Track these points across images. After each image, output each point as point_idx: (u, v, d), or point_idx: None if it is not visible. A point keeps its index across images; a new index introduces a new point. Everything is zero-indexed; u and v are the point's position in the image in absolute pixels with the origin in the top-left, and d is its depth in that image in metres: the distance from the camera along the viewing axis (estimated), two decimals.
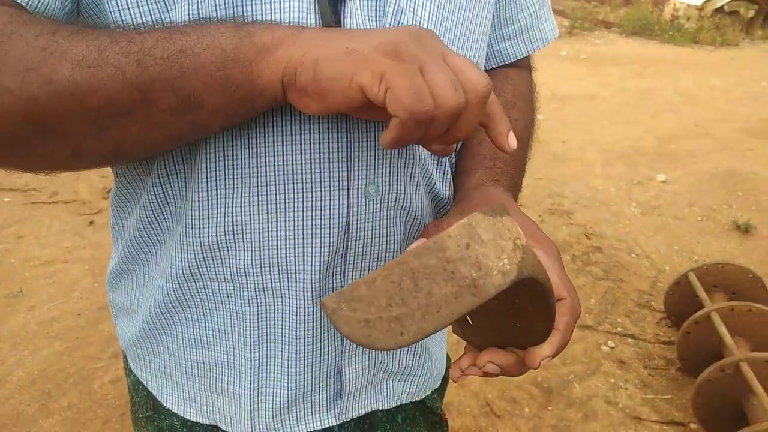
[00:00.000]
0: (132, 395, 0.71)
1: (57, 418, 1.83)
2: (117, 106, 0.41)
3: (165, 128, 0.44)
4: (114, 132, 0.43)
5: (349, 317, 0.34)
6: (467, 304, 0.35)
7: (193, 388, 0.62)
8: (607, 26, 8.44)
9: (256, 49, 0.41)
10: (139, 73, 0.40)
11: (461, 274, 0.36)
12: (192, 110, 0.43)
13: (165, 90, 0.41)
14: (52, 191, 3.25)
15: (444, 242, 0.36)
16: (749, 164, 3.93)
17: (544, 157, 3.96)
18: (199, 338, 0.59)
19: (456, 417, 1.89)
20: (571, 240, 2.98)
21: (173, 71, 0.41)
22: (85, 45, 0.40)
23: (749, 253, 2.90)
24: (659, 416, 1.93)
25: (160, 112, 0.42)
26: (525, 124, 0.68)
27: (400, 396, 0.68)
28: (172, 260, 0.56)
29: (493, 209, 0.38)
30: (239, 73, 0.42)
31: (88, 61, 0.39)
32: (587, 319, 2.40)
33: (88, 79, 0.40)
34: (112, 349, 2.12)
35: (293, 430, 0.62)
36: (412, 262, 0.35)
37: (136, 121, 0.42)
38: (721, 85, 5.91)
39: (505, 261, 0.36)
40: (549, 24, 0.71)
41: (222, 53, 0.41)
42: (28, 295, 2.41)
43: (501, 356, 0.48)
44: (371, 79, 0.39)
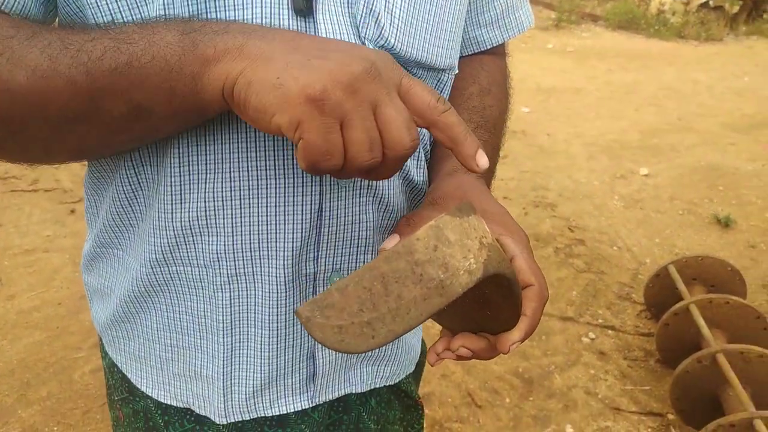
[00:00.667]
0: (107, 378, 0.71)
1: (36, 408, 1.81)
2: (71, 113, 0.42)
3: (121, 133, 0.45)
4: (73, 136, 0.44)
5: (322, 324, 0.36)
6: (435, 304, 0.37)
7: (166, 371, 0.62)
8: (593, 19, 8.47)
9: (198, 62, 0.41)
10: (89, 84, 0.41)
11: (429, 276, 0.37)
12: (143, 118, 0.43)
13: (115, 100, 0.42)
14: (33, 179, 3.20)
15: (413, 245, 0.38)
16: (731, 159, 3.98)
17: (529, 149, 3.98)
18: (173, 322, 0.59)
19: (437, 407, 1.90)
20: (554, 232, 3.00)
21: (122, 83, 0.41)
22: (38, 52, 0.41)
23: (729, 247, 2.95)
24: (638, 407, 1.96)
25: (114, 120, 0.43)
26: (499, 110, 0.69)
27: (374, 380, 0.68)
28: (145, 244, 0.56)
29: (460, 209, 0.40)
30: (183, 85, 0.41)
31: (40, 71, 0.40)
32: (568, 311, 2.42)
33: (42, 88, 0.41)
34: (93, 339, 2.10)
35: (266, 412, 0.62)
36: (383, 267, 0.37)
37: (93, 127, 0.44)
38: (704, 79, 5.97)
39: (471, 260, 0.38)
40: (525, 11, 0.71)
41: (167, 65, 0.41)
42: (8, 284, 2.38)
43: (473, 341, 0.50)
44: (288, 125, 0.39)
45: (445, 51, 0.58)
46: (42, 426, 1.75)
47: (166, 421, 0.64)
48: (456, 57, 0.61)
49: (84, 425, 1.77)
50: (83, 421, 1.78)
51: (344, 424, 0.68)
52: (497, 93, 0.69)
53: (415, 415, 0.79)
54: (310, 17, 0.48)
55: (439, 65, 0.58)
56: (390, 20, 0.52)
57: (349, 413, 0.68)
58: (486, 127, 0.65)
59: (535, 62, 6.18)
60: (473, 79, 0.68)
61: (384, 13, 0.51)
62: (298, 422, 0.64)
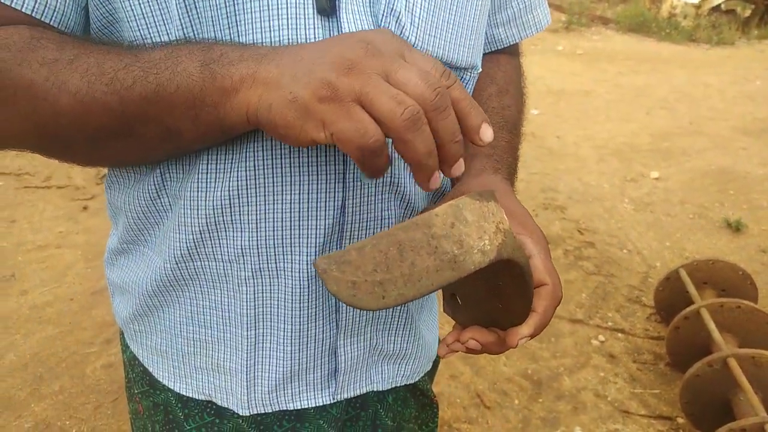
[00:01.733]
0: (127, 371, 0.72)
1: (49, 402, 1.83)
2: (108, 133, 0.47)
3: (155, 149, 0.50)
4: (111, 151, 0.50)
5: (337, 278, 0.37)
6: (446, 277, 0.38)
7: (189, 365, 0.63)
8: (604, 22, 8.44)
9: (219, 93, 0.44)
10: (123, 109, 0.45)
11: (444, 249, 0.39)
12: (174, 139, 0.47)
13: (147, 123, 0.46)
14: (46, 176, 3.23)
15: (431, 219, 0.39)
16: (742, 163, 3.96)
17: (538, 151, 3.97)
18: (196, 316, 0.60)
19: (446, 407, 1.91)
20: (563, 235, 3.00)
21: (151, 109, 0.45)
22: (79, 77, 0.45)
23: (739, 251, 2.93)
24: (647, 410, 1.95)
25: (148, 139, 0.47)
26: (517, 110, 0.69)
27: (395, 378, 0.69)
28: (170, 240, 0.56)
29: (480, 194, 0.41)
30: (206, 113, 0.45)
31: (80, 95, 0.45)
32: (578, 313, 2.42)
33: (84, 111, 0.45)
34: (105, 334, 2.12)
35: (288, 405, 0.63)
36: (400, 235, 0.38)
37: (129, 144, 0.48)
38: (716, 83, 5.93)
39: (486, 242, 0.40)
40: (542, 10, 0.72)
41: (190, 95, 0.44)
42: (21, 279, 2.40)
43: (483, 334, 0.51)
44: (316, 130, 0.40)
45: (467, 50, 0.59)
46: (54, 420, 1.77)
47: (186, 414, 0.65)
48: (478, 56, 0.62)
49: (95, 420, 1.78)
50: (95, 415, 1.80)
51: (361, 420, 0.69)
52: (514, 93, 0.70)
53: (430, 413, 0.79)
54: (333, 17, 0.49)
55: (460, 64, 0.59)
56: (411, 19, 0.52)
57: (366, 409, 0.69)
58: (507, 128, 0.66)
59: (545, 64, 6.17)
60: (491, 79, 0.69)
61: (405, 12, 0.52)
62: (316, 417, 0.65)
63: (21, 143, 0.51)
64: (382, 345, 0.65)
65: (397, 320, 0.65)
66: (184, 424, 0.65)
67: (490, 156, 0.62)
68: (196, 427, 0.64)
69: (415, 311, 0.68)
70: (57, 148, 0.50)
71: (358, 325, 0.62)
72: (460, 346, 0.52)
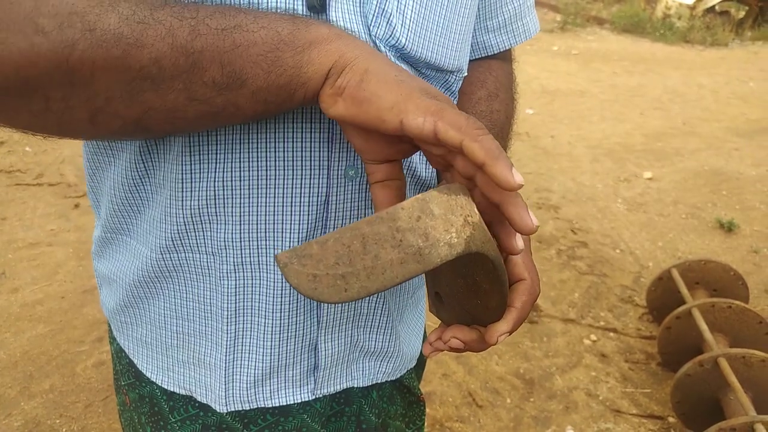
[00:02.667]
0: (115, 363, 0.72)
1: (39, 400, 1.82)
2: (159, 69, 0.39)
3: (201, 103, 0.42)
4: (147, 98, 0.40)
5: (298, 271, 0.37)
6: (411, 270, 0.38)
7: (171, 358, 0.63)
8: (599, 23, 8.46)
9: (311, 38, 0.42)
10: (190, 39, 0.39)
11: (408, 242, 0.38)
12: (233, 88, 0.41)
13: (213, 61, 0.40)
14: (38, 173, 3.21)
15: (396, 213, 0.39)
16: (735, 164, 3.98)
17: (532, 151, 3.98)
18: (179, 309, 0.60)
19: (438, 406, 1.91)
20: (557, 234, 3.01)
21: (226, 44, 0.40)
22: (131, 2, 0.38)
23: (732, 251, 2.95)
24: (638, 409, 1.96)
25: (202, 85, 0.41)
26: (506, 115, 0.70)
27: (375, 375, 0.69)
28: (155, 230, 0.56)
29: (449, 188, 0.41)
30: (290, 57, 0.42)
31: (138, 17, 0.38)
32: (570, 313, 2.42)
33: (136, 35, 0.37)
34: (96, 333, 2.11)
35: (266, 403, 0.63)
36: (364, 228, 0.38)
37: (175, 90, 0.40)
38: (709, 84, 5.96)
39: (453, 234, 0.39)
40: (531, 18, 0.73)
41: (277, 35, 0.42)
42: (12, 277, 2.39)
43: (465, 332, 0.51)
44: (415, 113, 0.40)
45: (454, 53, 0.59)
46: (44, 418, 1.76)
47: (171, 407, 0.65)
48: (465, 60, 0.62)
49: (86, 418, 1.77)
50: (85, 414, 1.79)
51: (345, 416, 0.69)
52: (504, 98, 0.71)
53: (417, 411, 0.79)
54: (322, 13, 0.49)
55: (447, 67, 0.59)
56: (401, 21, 0.52)
57: (350, 405, 0.69)
58: (493, 131, 0.66)
59: (540, 64, 6.18)
60: (481, 84, 0.70)
61: (396, 13, 0.52)
62: (300, 411, 0.65)
63: None
64: (363, 342, 0.65)
65: (378, 318, 0.65)
66: (168, 416, 0.65)
67: None
68: (180, 420, 0.64)
69: (396, 310, 0.68)
70: (67, 88, 0.39)
71: (338, 321, 0.62)
72: (443, 345, 0.53)
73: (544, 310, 2.43)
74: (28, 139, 3.56)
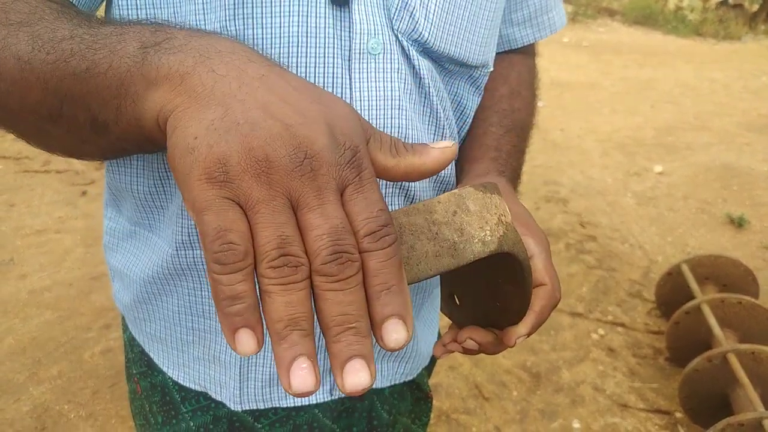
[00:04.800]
0: (127, 351, 0.71)
1: (47, 386, 1.83)
2: (45, 110, 0.40)
3: (89, 144, 0.41)
4: (53, 135, 0.42)
5: None
6: (445, 264, 0.38)
7: (186, 353, 0.62)
8: (610, 14, 8.38)
9: (142, 82, 0.35)
10: (56, 84, 0.38)
11: (444, 236, 0.38)
12: (102, 132, 0.39)
13: (76, 105, 0.38)
14: (45, 160, 3.22)
15: (433, 206, 0.38)
16: (746, 159, 3.94)
17: (542, 144, 3.95)
18: (194, 306, 0.59)
19: (445, 398, 1.90)
20: (565, 228, 2.99)
21: (81, 88, 0.38)
22: (27, 40, 0.39)
23: (742, 247, 2.92)
24: (645, 404, 1.95)
25: (80, 127, 0.40)
26: (527, 113, 0.69)
27: (394, 376, 0.68)
28: (174, 226, 0.55)
29: (484, 186, 0.40)
30: (126, 106, 0.37)
31: (23, 61, 0.39)
32: (578, 307, 2.41)
33: (21, 78, 0.39)
34: (103, 320, 2.12)
35: (281, 402, 0.62)
36: (401, 219, 0.38)
37: (67, 131, 0.40)
38: (721, 78, 5.90)
39: (487, 232, 0.39)
40: (558, 12, 0.71)
41: (117, 79, 0.36)
42: (20, 263, 2.40)
43: (480, 334, 0.51)
44: (186, 202, 0.31)
45: (480, 48, 0.58)
46: (53, 404, 1.77)
47: (183, 397, 0.64)
48: (491, 55, 0.61)
49: (94, 404, 1.78)
50: (93, 400, 1.80)
51: (357, 412, 0.68)
52: (526, 95, 0.70)
53: (424, 407, 0.78)
54: (345, 7, 0.48)
55: (472, 62, 0.58)
56: (425, 15, 0.52)
57: (362, 401, 0.68)
58: (515, 131, 0.65)
59: (550, 56, 6.13)
60: (503, 80, 0.69)
61: (419, 7, 0.51)
62: (311, 406, 0.64)
63: None
64: None
65: None
66: (180, 406, 0.64)
67: (495, 159, 0.61)
68: (191, 410, 0.64)
69: (414, 308, 0.67)
70: (11, 122, 0.43)
71: None
72: (457, 347, 0.52)
73: None
74: None
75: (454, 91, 0.60)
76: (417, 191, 0.58)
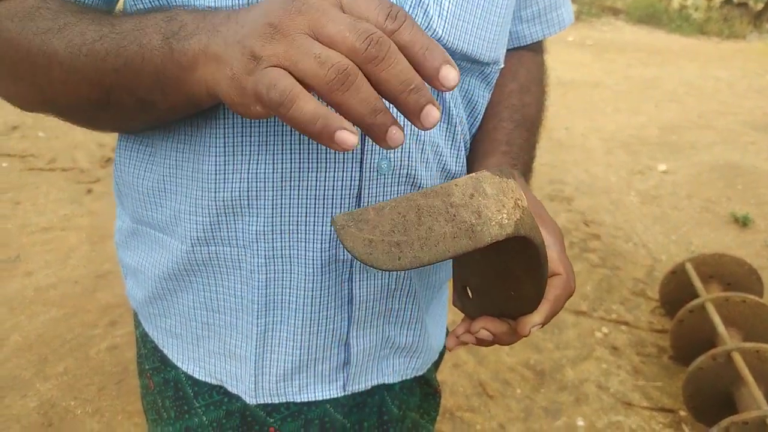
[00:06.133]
0: (139, 346, 0.72)
1: (53, 382, 1.84)
2: (94, 102, 0.48)
3: (139, 120, 0.51)
4: (104, 120, 0.51)
5: (354, 234, 0.37)
6: (463, 245, 0.38)
7: (202, 348, 0.63)
8: (614, 13, 8.36)
9: (178, 68, 0.42)
10: (99, 80, 0.45)
11: (462, 218, 0.38)
12: (150, 110, 0.47)
13: (123, 94, 0.46)
14: (50, 158, 3.23)
15: (451, 189, 0.39)
16: (750, 158, 3.93)
17: (546, 142, 3.95)
18: (209, 302, 0.60)
19: (449, 396, 1.91)
20: (569, 227, 2.99)
21: (123, 81, 0.45)
22: (64, 47, 0.45)
23: (746, 246, 2.92)
24: (649, 402, 1.95)
25: (128, 109, 0.48)
26: (537, 109, 0.70)
27: (405, 371, 0.69)
28: (186, 223, 0.56)
29: (501, 170, 0.41)
30: (171, 87, 0.44)
31: (66, 66, 0.45)
32: (582, 305, 2.41)
33: (69, 80, 0.46)
34: (109, 317, 2.13)
35: (295, 397, 0.63)
36: (419, 200, 0.38)
37: (116, 114, 0.49)
38: (726, 77, 5.88)
39: (504, 215, 0.39)
40: (566, 9, 0.72)
41: (155, 68, 0.43)
42: (25, 260, 2.41)
43: (494, 324, 0.51)
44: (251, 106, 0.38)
45: (491, 45, 0.58)
46: (59, 400, 1.78)
47: (196, 392, 0.65)
48: (501, 51, 0.62)
49: (100, 401, 1.79)
50: (99, 396, 1.81)
51: (368, 407, 0.68)
52: (536, 91, 0.70)
53: (433, 402, 0.79)
54: None
55: (484, 59, 0.58)
56: (438, 12, 0.52)
57: (372, 396, 0.68)
58: (525, 126, 0.66)
59: (554, 55, 6.09)
60: (513, 76, 0.69)
61: (433, 4, 0.52)
62: (323, 402, 0.65)
63: (36, 109, 0.52)
64: (394, 338, 0.65)
65: (409, 313, 0.64)
66: (193, 401, 0.65)
67: (506, 153, 0.62)
68: (205, 405, 0.64)
69: (424, 303, 0.67)
70: (65, 113, 0.52)
71: (370, 316, 0.61)
72: (471, 338, 0.52)
73: None
74: (41, 125, 3.59)
75: (465, 88, 0.61)
76: (427, 185, 0.58)
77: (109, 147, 3.40)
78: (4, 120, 3.61)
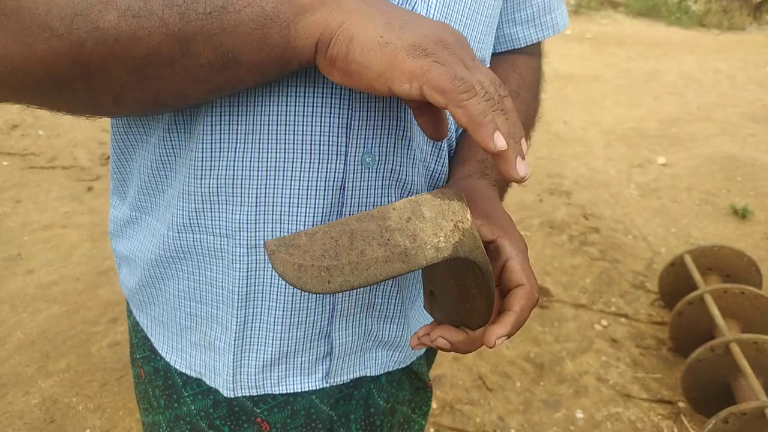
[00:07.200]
0: (131, 336, 0.72)
1: (55, 379, 1.85)
2: (159, 57, 0.41)
3: (203, 82, 0.44)
4: (154, 82, 0.43)
5: (284, 259, 0.38)
6: (396, 269, 0.39)
7: (185, 339, 0.64)
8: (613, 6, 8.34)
9: (294, 10, 0.41)
10: (181, 26, 0.40)
11: (396, 242, 0.39)
12: (229, 67, 0.43)
13: (205, 45, 0.41)
14: (51, 156, 3.24)
15: (387, 212, 0.40)
16: (750, 150, 3.93)
17: (545, 136, 3.95)
18: (192, 291, 0.61)
19: (449, 389, 1.92)
20: (569, 220, 2.99)
21: (214, 27, 0.41)
22: None
23: (745, 238, 2.92)
24: (649, 394, 1.96)
25: (200, 67, 0.43)
26: (526, 115, 0.69)
27: (387, 364, 0.69)
28: (173, 209, 0.56)
29: (443, 192, 0.42)
30: (276, 33, 0.42)
31: (133, 10, 0.40)
32: (582, 298, 2.42)
33: (133, 29, 0.40)
34: (110, 314, 2.14)
35: (273, 389, 0.63)
36: (353, 224, 0.39)
37: (176, 74, 0.43)
38: (725, 69, 5.87)
39: (441, 239, 0.40)
40: (560, 13, 0.72)
41: (261, 12, 0.41)
42: (27, 258, 2.42)
43: (452, 333, 0.51)
44: (401, 80, 0.40)
45: (478, 44, 0.59)
46: (61, 396, 1.79)
47: (184, 381, 0.65)
48: (487, 52, 0.62)
49: (102, 397, 1.80)
50: (101, 393, 1.82)
51: (354, 399, 0.69)
52: (526, 97, 0.70)
53: (424, 397, 0.79)
54: None
55: None
56: (426, 11, 0.53)
57: (359, 389, 0.69)
58: None
59: (553, 48, 6.11)
60: (503, 81, 0.69)
61: (421, 3, 0.52)
62: (309, 393, 0.65)
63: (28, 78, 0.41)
64: (376, 331, 0.65)
65: (392, 307, 0.65)
66: (182, 390, 0.66)
67: (481, 162, 0.62)
68: (193, 394, 0.65)
69: (408, 299, 0.68)
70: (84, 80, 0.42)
71: (352, 310, 0.61)
72: (429, 342, 0.52)
73: (555, 296, 2.43)
74: (42, 123, 3.59)
75: None
76: (412, 184, 0.58)
77: (108, 145, 3.40)
78: (5, 119, 3.62)
